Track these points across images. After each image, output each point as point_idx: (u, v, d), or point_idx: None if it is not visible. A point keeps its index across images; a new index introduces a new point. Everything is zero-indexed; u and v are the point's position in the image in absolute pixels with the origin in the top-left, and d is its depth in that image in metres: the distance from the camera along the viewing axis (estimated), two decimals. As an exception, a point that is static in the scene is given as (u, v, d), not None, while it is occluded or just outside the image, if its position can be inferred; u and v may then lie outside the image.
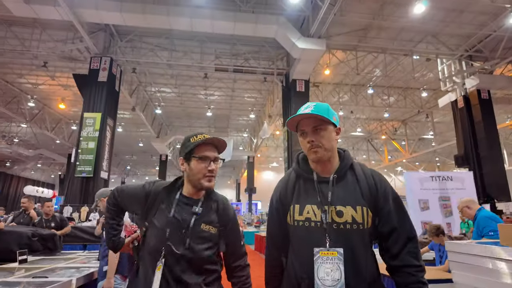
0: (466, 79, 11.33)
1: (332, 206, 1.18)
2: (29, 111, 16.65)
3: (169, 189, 1.42)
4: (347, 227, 1.16)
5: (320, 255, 1.15)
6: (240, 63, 11.36)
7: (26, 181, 34.24)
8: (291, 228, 1.25)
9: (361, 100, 16.11)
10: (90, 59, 9.70)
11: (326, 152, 1.22)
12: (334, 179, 1.22)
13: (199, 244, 1.32)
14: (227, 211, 1.45)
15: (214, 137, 1.41)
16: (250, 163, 23.34)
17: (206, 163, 1.38)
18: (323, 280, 1.13)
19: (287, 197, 1.29)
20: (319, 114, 1.19)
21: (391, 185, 1.26)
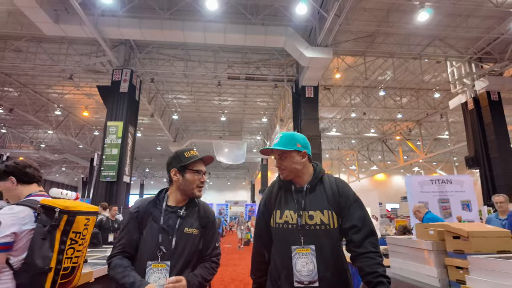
0: (476, 81, 11.39)
1: (305, 211, 1.44)
2: (55, 119, 17.74)
3: (154, 203, 1.59)
4: (317, 228, 1.41)
5: (297, 251, 1.39)
6: (251, 71, 11.87)
7: (51, 183, 36.01)
8: (273, 229, 1.51)
9: (373, 102, 16.24)
10: (112, 71, 10.44)
11: (289, 173, 1.51)
12: (307, 189, 1.50)
13: (184, 244, 1.51)
14: (208, 214, 1.66)
15: (206, 155, 1.66)
16: (264, 165, 23.79)
17: (199, 175, 1.61)
18: (300, 272, 1.37)
19: (271, 203, 1.57)
20: (279, 148, 1.50)
21: (352, 190, 1.52)
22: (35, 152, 23.43)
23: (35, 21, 8.34)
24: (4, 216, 1.45)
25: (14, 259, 1.44)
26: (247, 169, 33.38)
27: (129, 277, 1.38)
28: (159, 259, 1.45)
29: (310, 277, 1.36)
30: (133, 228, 1.52)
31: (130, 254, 1.51)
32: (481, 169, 10.88)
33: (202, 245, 1.58)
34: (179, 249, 1.49)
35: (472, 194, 5.76)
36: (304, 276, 1.37)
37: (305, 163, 1.53)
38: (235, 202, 32.20)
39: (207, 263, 1.57)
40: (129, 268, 1.44)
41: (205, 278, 1.52)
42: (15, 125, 20.56)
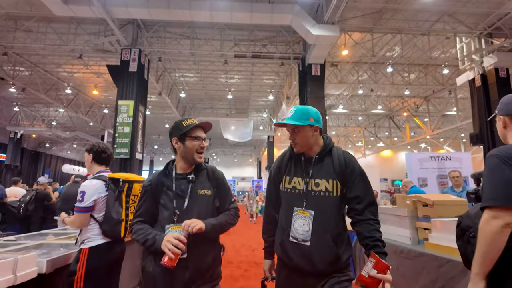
0: (485, 58, 11.27)
1: (312, 179, 1.58)
2: (66, 97, 18.11)
3: (164, 174, 1.70)
4: (321, 194, 1.55)
5: (298, 213, 1.55)
6: (258, 49, 11.89)
7: (64, 160, 37.04)
8: (282, 193, 1.67)
9: (381, 78, 16.13)
10: (121, 50, 10.59)
11: (301, 147, 1.64)
12: (315, 159, 1.63)
13: (198, 204, 1.62)
14: (216, 175, 1.76)
15: (202, 121, 1.74)
16: (270, 143, 24.10)
17: (199, 141, 1.69)
18: (296, 230, 1.54)
19: (281, 170, 1.71)
20: (292, 123, 1.59)
21: (358, 163, 1.63)
22: (47, 130, 24.05)
23: (45, 1, 8.46)
24: (87, 188, 2.14)
25: (97, 215, 2.16)
26: (253, 146, 33.78)
27: (150, 234, 1.52)
28: (176, 222, 1.55)
29: (303, 236, 1.50)
30: (148, 199, 1.63)
31: (149, 222, 1.62)
32: (485, 146, 11.00)
33: (219, 202, 1.71)
34: (194, 210, 1.58)
35: (470, 170, 6.02)
36: (299, 234, 1.52)
37: (317, 136, 1.64)
38: (242, 178, 32.94)
39: (227, 212, 1.72)
40: (150, 229, 1.56)
41: (226, 220, 1.66)
42: (27, 103, 21.04)
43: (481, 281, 1.22)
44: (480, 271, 1.22)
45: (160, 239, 1.45)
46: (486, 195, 1.25)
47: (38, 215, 5.52)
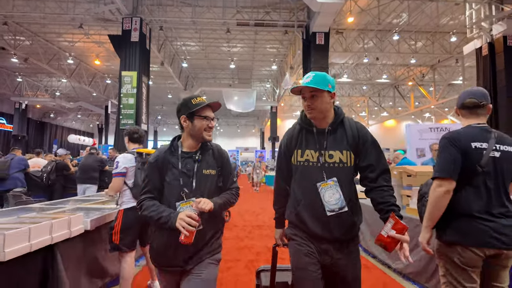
0: (494, 25, 10.96)
1: (326, 151, 1.58)
2: (68, 67, 18.02)
3: (170, 151, 1.71)
4: (335, 165, 1.56)
5: (322, 186, 1.55)
6: (261, 16, 11.62)
7: (69, 130, 37.48)
8: (294, 166, 1.66)
9: (387, 46, 15.78)
10: (122, 19, 10.44)
11: (318, 113, 1.59)
12: (328, 130, 1.61)
13: (205, 184, 1.66)
14: (222, 154, 1.78)
15: (213, 101, 1.73)
16: (273, 113, 24.12)
17: (207, 121, 1.68)
18: (329, 202, 1.53)
19: (292, 144, 1.68)
20: (314, 86, 1.53)
21: (370, 132, 1.64)
22: (51, 100, 24.17)
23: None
24: (120, 159, 2.75)
25: (128, 182, 2.73)
26: (256, 116, 33.81)
27: (164, 212, 1.55)
28: (185, 198, 1.60)
29: (338, 205, 1.52)
30: (155, 175, 1.65)
31: (157, 198, 1.65)
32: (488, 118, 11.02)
33: (222, 182, 1.74)
34: (201, 189, 1.63)
35: (468, 141, 6.18)
36: (333, 205, 1.52)
37: (331, 105, 1.62)
38: (245, 149, 33.35)
39: (229, 191, 1.77)
40: (162, 207, 1.59)
41: (229, 199, 1.73)
42: (29, 73, 20.99)
43: (429, 232, 1.72)
44: (428, 224, 1.72)
45: (174, 218, 1.49)
46: (436, 168, 1.69)
47: (59, 183, 6.01)
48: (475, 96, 1.84)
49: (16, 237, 1.74)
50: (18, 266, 1.77)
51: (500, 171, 1.69)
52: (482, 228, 1.63)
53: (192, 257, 1.58)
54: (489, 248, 1.62)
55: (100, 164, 6.21)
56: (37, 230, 1.92)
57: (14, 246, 1.71)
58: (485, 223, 1.63)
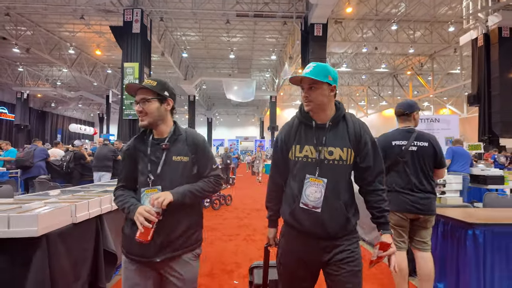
0: (490, 16, 11.13)
1: (325, 147, 1.51)
2: (69, 57, 18.16)
3: (140, 138, 1.64)
4: (335, 162, 1.50)
5: (310, 180, 1.51)
6: (260, 7, 11.75)
7: (70, 119, 37.70)
8: (292, 162, 1.59)
9: (386, 36, 15.88)
10: (123, 11, 10.59)
11: (315, 106, 1.52)
12: (329, 126, 1.54)
13: (174, 173, 1.56)
14: (195, 140, 1.65)
15: (130, 83, 1.57)
16: (273, 103, 24.33)
17: (136, 105, 1.56)
18: (308, 196, 1.50)
19: (290, 139, 1.61)
20: (312, 77, 1.47)
21: (370, 133, 1.60)
22: (52, 90, 24.36)
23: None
24: None
25: None
26: (256, 106, 33.99)
27: (127, 202, 1.52)
28: (150, 185, 1.53)
29: (314, 203, 1.49)
30: (128, 164, 1.62)
31: (131, 187, 1.62)
32: (481, 106, 11.33)
33: (197, 170, 1.63)
34: (168, 176, 1.54)
35: (457, 132, 6.47)
36: (310, 200, 1.50)
37: (332, 98, 1.55)
38: (245, 138, 33.64)
39: (206, 179, 1.65)
40: (129, 196, 1.57)
41: (202, 188, 1.60)
42: (30, 63, 21.12)
43: None
44: None
45: (134, 209, 1.45)
46: None
47: (77, 171, 6.70)
48: (402, 107, 2.54)
49: (81, 207, 2.42)
50: (83, 227, 2.45)
51: (417, 160, 2.43)
52: (403, 199, 2.41)
53: (165, 248, 1.49)
54: (409, 213, 2.41)
55: (113, 154, 6.77)
56: (92, 203, 2.60)
57: (80, 213, 2.40)
58: (406, 196, 2.40)
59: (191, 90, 22.03)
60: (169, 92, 1.60)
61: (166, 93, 1.58)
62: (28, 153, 5.97)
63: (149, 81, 1.57)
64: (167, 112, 1.61)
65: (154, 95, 1.54)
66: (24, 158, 5.85)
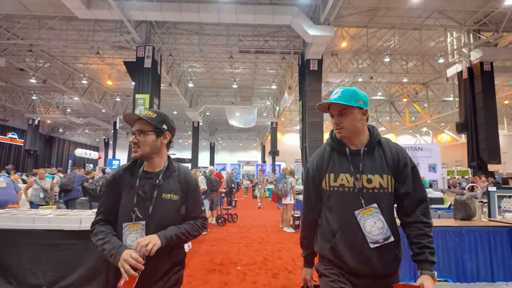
0: (472, 52, 12.10)
1: (364, 175, 1.40)
2: (81, 86, 19.27)
3: (129, 168, 1.54)
4: (375, 191, 1.38)
5: (361, 214, 1.36)
6: (261, 44, 12.84)
7: (76, 144, 38.62)
8: (327, 192, 1.46)
9: (380, 67, 16.81)
10: (136, 48, 11.65)
11: (348, 133, 1.44)
12: (364, 152, 1.44)
13: (162, 211, 1.47)
14: (188, 179, 1.57)
15: (127, 114, 1.51)
16: (273, 128, 25.16)
17: (132, 137, 1.50)
18: (371, 233, 1.35)
19: (323, 167, 1.50)
20: (342, 102, 1.40)
21: (409, 156, 1.48)
22: (63, 117, 25.39)
23: (71, 7, 9.50)
24: None
25: None
26: (258, 131, 34.86)
27: (108, 243, 1.39)
28: (134, 220, 1.43)
29: (382, 234, 1.36)
30: (111, 195, 1.51)
31: (111, 221, 1.50)
32: (469, 134, 12.04)
33: (185, 210, 1.55)
34: (157, 215, 1.46)
35: (438, 159, 7.14)
36: (376, 235, 1.36)
37: (364, 123, 1.48)
38: (247, 162, 34.22)
39: (192, 221, 1.57)
40: (110, 235, 1.44)
41: (188, 231, 1.51)
42: (43, 91, 22.26)
43: None
44: None
45: (118, 255, 1.33)
46: None
47: None
48: None
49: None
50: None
51: None
52: None
53: None
54: None
55: None
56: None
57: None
58: None
59: (195, 117, 22.97)
60: (167, 126, 1.55)
61: (164, 126, 1.53)
62: (70, 179, 6.94)
63: (149, 112, 1.53)
64: (163, 145, 1.55)
65: (152, 127, 1.50)
66: (67, 183, 6.81)
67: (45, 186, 6.35)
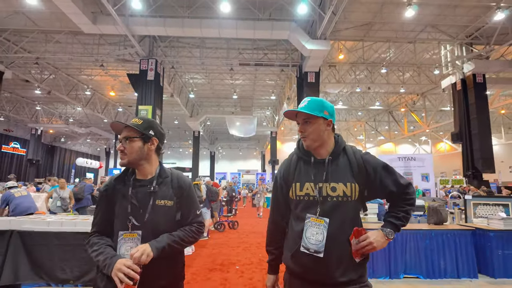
0: (464, 64, 12.49)
1: (327, 183, 1.41)
2: (84, 97, 19.67)
3: (120, 178, 1.53)
4: (339, 199, 1.40)
5: (311, 220, 1.40)
6: (260, 57, 13.25)
7: (77, 153, 38.90)
8: (294, 201, 1.48)
9: (377, 77, 17.19)
10: (140, 61, 12.04)
11: (312, 142, 1.45)
12: (329, 160, 1.45)
13: (157, 218, 1.46)
14: (181, 183, 1.56)
15: (114, 122, 1.51)
16: (273, 138, 25.47)
17: (119, 145, 1.49)
18: (308, 239, 1.38)
19: (289, 176, 1.51)
20: (307, 112, 1.42)
21: (376, 158, 1.51)
22: (65, 127, 25.74)
23: (78, 23, 9.90)
24: None
25: None
26: (257, 140, 35.19)
27: (102, 254, 1.38)
28: (130, 229, 1.42)
29: (316, 247, 1.37)
30: (105, 206, 1.50)
31: (106, 232, 1.49)
32: (463, 144, 12.32)
33: (181, 216, 1.53)
34: (153, 222, 1.45)
35: (431, 169, 7.41)
36: (311, 244, 1.38)
37: (329, 133, 1.49)
38: (247, 171, 34.42)
39: (187, 227, 1.55)
40: (104, 245, 1.42)
41: (183, 239, 1.50)
42: (47, 102, 22.65)
43: None
44: None
45: (111, 264, 1.32)
46: None
47: None
48: None
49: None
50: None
51: None
52: None
53: None
54: None
55: None
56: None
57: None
58: None
59: (196, 126, 23.30)
60: (154, 131, 1.54)
61: (151, 132, 1.53)
62: (81, 188, 7.43)
63: (136, 119, 1.54)
64: (151, 151, 1.53)
65: (137, 133, 1.49)
66: (78, 192, 7.28)
67: (63, 195, 6.72)
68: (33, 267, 3.21)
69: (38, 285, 3.47)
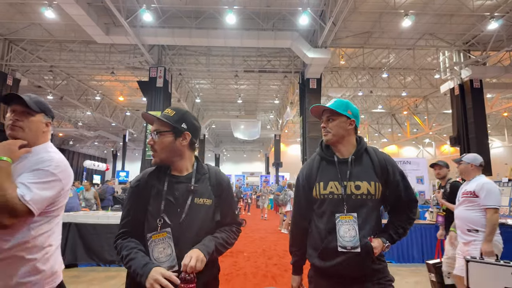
0: (462, 70, 12.87)
1: (351, 182, 1.47)
2: (93, 101, 20.36)
3: (155, 173, 1.41)
4: (363, 197, 1.46)
5: (340, 218, 1.45)
6: (264, 64, 13.77)
7: (84, 156, 39.66)
8: (318, 200, 1.52)
9: (379, 81, 17.57)
10: (149, 69, 12.62)
11: (333, 137, 1.53)
12: (352, 160, 1.52)
13: (195, 218, 1.34)
14: (221, 181, 1.47)
15: (144, 113, 1.43)
16: (277, 141, 25.92)
17: (149, 138, 1.39)
18: (343, 237, 1.43)
19: (312, 176, 1.56)
20: (332, 108, 1.52)
21: (397, 164, 1.58)
22: (74, 130, 26.47)
23: (92, 34, 10.50)
24: None
25: None
26: (262, 142, 35.67)
27: (133, 260, 1.25)
28: (159, 229, 1.29)
29: (352, 243, 1.40)
30: (135, 203, 1.38)
31: (135, 232, 1.36)
32: (461, 148, 12.67)
33: (220, 216, 1.44)
34: (189, 222, 1.33)
35: (425, 172, 7.83)
36: (346, 241, 1.41)
37: (351, 132, 1.55)
38: (251, 173, 34.90)
39: (227, 227, 1.48)
40: (135, 250, 1.29)
41: (226, 241, 1.43)
42: (58, 106, 23.37)
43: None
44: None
45: (147, 272, 1.19)
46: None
47: None
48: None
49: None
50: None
51: None
52: None
53: None
54: None
55: None
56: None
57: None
58: None
59: (201, 130, 23.82)
60: (187, 124, 1.41)
61: (184, 125, 1.40)
62: (104, 189, 8.14)
63: (168, 110, 1.44)
64: (183, 147, 1.41)
65: (169, 127, 1.38)
66: (101, 193, 7.88)
67: (87, 197, 7.44)
68: (86, 251, 4.25)
69: (91, 265, 4.52)
